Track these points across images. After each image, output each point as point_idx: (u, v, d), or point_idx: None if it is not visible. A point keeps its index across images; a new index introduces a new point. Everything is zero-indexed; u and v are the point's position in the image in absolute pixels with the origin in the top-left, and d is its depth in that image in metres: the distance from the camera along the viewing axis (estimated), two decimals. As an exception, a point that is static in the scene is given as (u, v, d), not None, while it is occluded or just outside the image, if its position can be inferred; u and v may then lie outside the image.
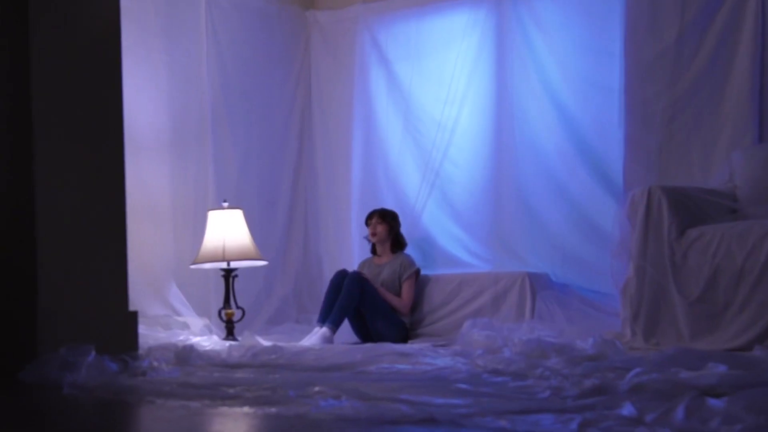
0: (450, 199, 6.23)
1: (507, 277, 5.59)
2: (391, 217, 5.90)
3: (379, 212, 5.88)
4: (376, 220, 5.84)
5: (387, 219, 5.85)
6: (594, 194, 5.63)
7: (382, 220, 5.84)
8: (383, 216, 5.85)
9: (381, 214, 5.87)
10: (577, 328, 4.62)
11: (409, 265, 5.80)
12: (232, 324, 5.47)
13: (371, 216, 5.89)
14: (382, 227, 5.83)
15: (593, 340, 3.25)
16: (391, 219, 5.89)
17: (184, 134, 6.03)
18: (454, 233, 6.20)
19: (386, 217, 5.86)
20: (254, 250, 5.52)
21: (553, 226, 5.77)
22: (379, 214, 5.87)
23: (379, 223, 5.83)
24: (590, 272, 5.56)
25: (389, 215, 5.89)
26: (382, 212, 5.89)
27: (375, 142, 6.54)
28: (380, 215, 5.86)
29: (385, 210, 5.92)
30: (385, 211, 5.92)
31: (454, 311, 5.72)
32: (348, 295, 5.51)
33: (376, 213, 5.89)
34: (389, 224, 5.86)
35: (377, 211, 5.90)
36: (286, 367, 3.19)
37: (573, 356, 2.95)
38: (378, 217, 5.85)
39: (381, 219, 5.84)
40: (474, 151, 6.15)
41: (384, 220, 5.84)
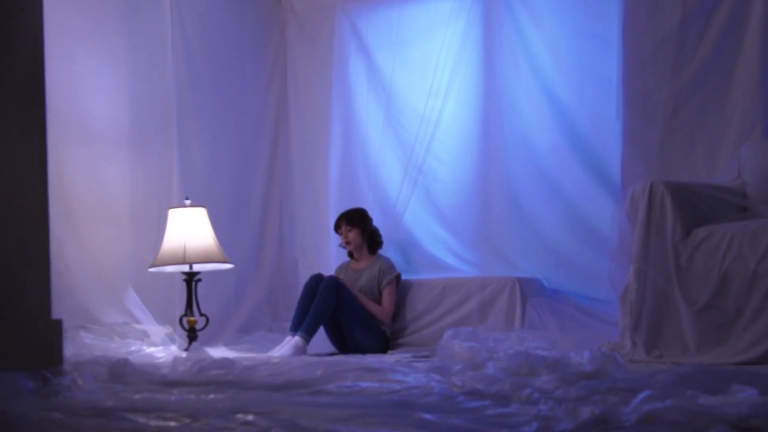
0: (434, 198, 5.88)
1: (495, 282, 5.23)
2: (359, 218, 5.46)
3: (346, 218, 5.44)
4: (345, 228, 5.43)
5: (356, 222, 5.43)
6: (590, 193, 5.29)
7: (351, 226, 5.42)
8: (351, 221, 5.43)
9: (348, 219, 5.43)
10: (571, 339, 4.20)
11: (388, 270, 5.39)
12: (195, 333, 5.03)
13: (339, 224, 5.47)
14: (353, 233, 5.43)
15: (590, 353, 2.80)
16: (360, 221, 5.46)
17: (146, 126, 5.62)
18: (438, 235, 5.84)
19: (354, 220, 5.43)
20: (219, 252, 5.07)
21: (545, 228, 5.43)
22: (346, 220, 5.43)
23: (349, 230, 5.42)
24: (586, 277, 5.23)
25: (357, 217, 5.46)
26: (349, 217, 5.45)
27: (354, 137, 6.19)
28: (348, 221, 5.43)
29: (350, 213, 5.48)
30: (351, 214, 5.48)
31: (438, 319, 5.36)
32: (323, 302, 5.12)
33: (342, 219, 5.46)
34: (360, 227, 5.45)
35: (344, 217, 5.47)
36: (234, 384, 2.74)
37: (567, 373, 2.50)
38: (346, 224, 5.42)
39: (350, 225, 5.42)
40: (460, 146, 5.80)
41: (353, 225, 5.42)
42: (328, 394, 2.47)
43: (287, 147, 6.58)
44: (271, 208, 6.49)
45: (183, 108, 5.79)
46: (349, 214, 5.45)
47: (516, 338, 3.85)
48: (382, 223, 5.78)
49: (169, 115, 5.69)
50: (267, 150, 6.48)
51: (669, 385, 2.02)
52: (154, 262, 5.07)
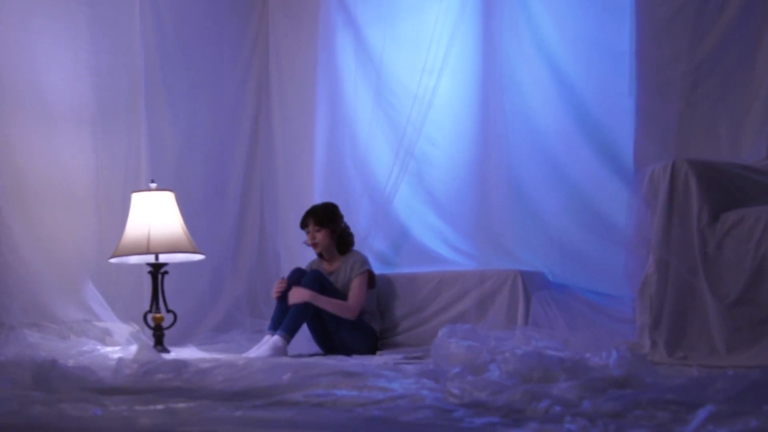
0: (427, 185, 5.44)
1: (495, 276, 4.80)
2: (329, 217, 4.92)
3: (314, 216, 4.89)
4: (313, 227, 4.89)
5: (325, 222, 4.89)
6: (599, 177, 4.86)
7: (319, 226, 4.87)
8: (320, 220, 4.88)
9: (316, 218, 4.88)
10: (582, 338, 3.70)
11: (360, 264, 4.89)
12: (162, 331, 4.54)
13: (306, 221, 4.93)
14: (321, 234, 4.88)
15: (617, 354, 2.30)
16: (329, 220, 4.91)
17: (110, 103, 5.20)
18: (432, 224, 5.40)
19: (323, 220, 4.89)
20: (188, 241, 4.58)
21: (550, 216, 5.00)
22: (314, 219, 4.88)
23: (317, 230, 4.88)
24: (594, 270, 4.82)
25: (326, 216, 4.92)
26: (318, 215, 4.90)
27: (341, 119, 5.76)
28: (316, 220, 4.88)
29: (319, 211, 4.94)
30: (320, 212, 4.93)
31: (433, 316, 4.94)
32: None
33: (310, 217, 4.91)
34: (329, 228, 4.90)
35: (311, 215, 4.91)
36: (181, 391, 2.24)
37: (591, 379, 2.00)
38: (314, 223, 4.88)
39: (318, 224, 4.87)
40: (456, 128, 5.36)
41: (322, 225, 4.88)
42: (292, 405, 1.97)
43: (269, 129, 6.14)
44: (251, 195, 6.05)
45: (152, 84, 5.37)
46: (317, 211, 4.92)
47: (521, 336, 3.34)
48: (370, 212, 5.43)
49: (137, 91, 5.28)
50: (246, 132, 6.05)
51: (735, 396, 1.53)
52: (115, 252, 4.58)
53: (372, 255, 5.34)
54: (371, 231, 5.41)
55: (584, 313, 4.59)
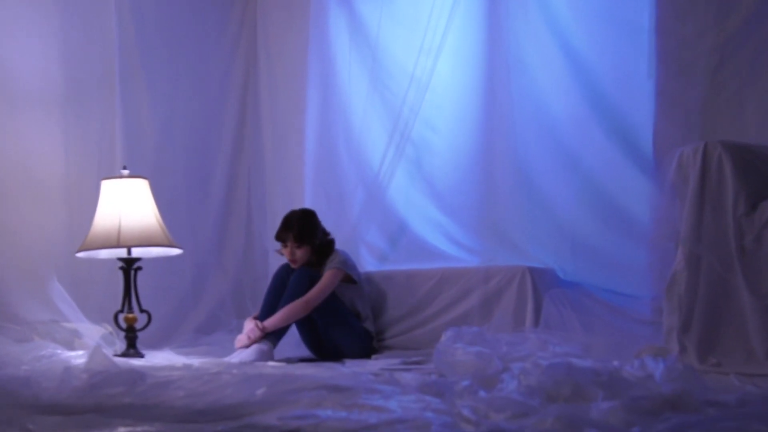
0: (427, 174, 5.06)
1: (501, 273, 4.47)
2: (309, 233, 4.45)
3: (294, 233, 4.42)
4: (293, 244, 4.42)
5: (305, 239, 4.43)
6: (615, 166, 4.51)
7: (299, 243, 4.42)
8: (300, 237, 4.41)
9: (296, 235, 4.41)
10: (603, 342, 3.31)
11: (334, 261, 4.47)
12: (135, 333, 4.14)
13: (283, 236, 4.47)
14: (301, 251, 4.44)
15: (664, 364, 1.89)
16: (310, 236, 4.45)
17: (82, 86, 4.82)
18: (432, 217, 5.03)
19: (304, 237, 4.42)
20: (163, 233, 4.17)
21: (561, 208, 4.65)
22: (294, 235, 4.41)
23: (297, 246, 4.42)
24: (610, 267, 4.48)
25: (306, 232, 4.44)
26: (298, 232, 4.42)
27: (334, 103, 5.38)
28: (296, 237, 4.41)
29: (297, 224, 4.45)
30: (299, 225, 4.44)
31: (433, 317, 4.61)
32: (295, 296, 4.33)
33: (289, 234, 4.43)
34: (310, 244, 4.46)
35: (290, 230, 4.43)
36: (132, 409, 1.83)
37: (635, 398, 1.58)
38: (293, 240, 4.41)
39: (298, 241, 4.41)
40: (458, 112, 4.99)
41: (302, 242, 4.42)
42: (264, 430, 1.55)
43: (256, 114, 5.75)
44: (237, 185, 5.66)
45: (128, 64, 4.97)
46: (296, 226, 4.43)
47: (536, 341, 2.93)
48: (365, 203, 5.09)
49: (111, 71, 4.90)
50: (232, 118, 5.66)
51: None
52: (82, 246, 4.17)
53: (366, 249, 5.03)
54: (364, 222, 5.07)
55: (599, 313, 4.24)
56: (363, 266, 4.91)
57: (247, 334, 4.24)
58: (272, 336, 4.26)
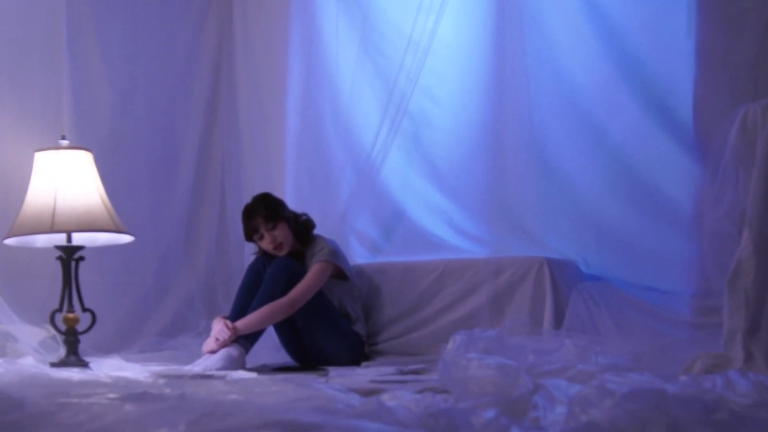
0: (427, 152, 4.55)
1: (515, 265, 3.96)
2: (277, 206, 3.92)
3: (261, 215, 3.85)
4: (266, 227, 3.84)
5: (278, 214, 3.88)
6: (648, 139, 4.05)
7: (272, 222, 3.85)
8: (270, 215, 3.85)
9: (265, 214, 3.84)
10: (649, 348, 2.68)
11: (321, 251, 3.92)
12: (76, 336, 3.49)
13: (252, 226, 3.88)
14: (280, 230, 3.86)
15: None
16: (280, 208, 3.93)
17: (22, 48, 4.25)
18: (433, 202, 4.51)
19: (274, 214, 3.86)
20: (109, 217, 3.51)
21: (583, 190, 4.17)
22: (262, 217, 3.84)
23: (272, 227, 3.84)
24: (642, 259, 4.02)
25: (273, 206, 3.90)
26: (265, 210, 3.86)
27: (319, 71, 4.86)
28: (266, 217, 3.84)
29: (260, 205, 3.90)
30: (263, 205, 3.90)
31: (434, 317, 4.10)
32: (272, 290, 3.77)
33: (257, 218, 3.85)
34: (283, 217, 3.91)
35: (257, 215, 3.86)
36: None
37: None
38: (264, 222, 3.83)
39: (270, 220, 3.84)
40: (462, 79, 4.48)
41: (275, 219, 3.85)
42: None
43: (231, 85, 5.17)
44: (209, 167, 5.07)
45: (77, 23, 4.41)
46: (259, 207, 3.88)
47: (572, 348, 2.24)
48: (355, 188, 4.57)
49: (57, 32, 4.33)
50: (203, 87, 5.08)
51: None
52: (10, 231, 3.51)
53: (356, 239, 4.50)
54: (355, 208, 4.54)
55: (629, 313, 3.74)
56: (353, 258, 4.38)
57: (215, 336, 3.64)
58: (245, 339, 3.66)
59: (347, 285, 3.96)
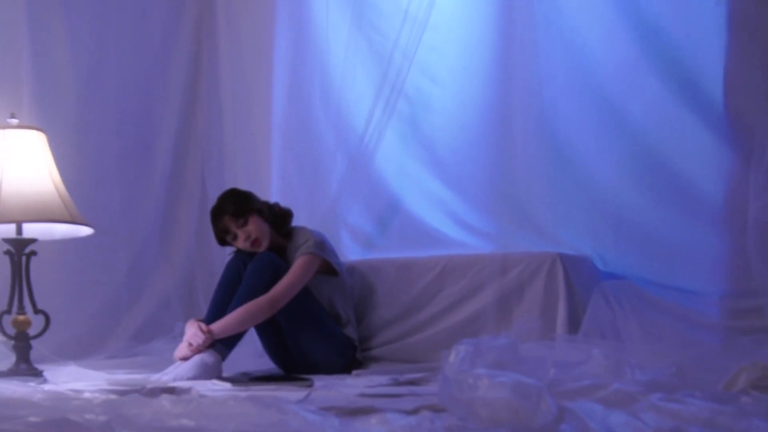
0: (425, 136, 4.15)
1: (524, 262, 3.54)
2: (244, 201, 3.50)
3: (229, 213, 3.43)
4: (236, 225, 3.43)
5: (246, 209, 3.46)
6: (672, 121, 3.63)
7: (241, 217, 3.43)
8: (239, 211, 3.44)
9: (233, 211, 3.42)
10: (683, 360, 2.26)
11: (306, 243, 3.50)
12: (28, 341, 3.07)
13: (222, 228, 3.47)
14: (252, 225, 3.44)
15: None
16: (247, 202, 3.50)
17: None
18: (431, 191, 4.13)
19: (242, 209, 3.45)
20: (63, 206, 3.09)
21: (600, 178, 3.77)
22: (230, 216, 3.42)
23: (243, 223, 3.43)
24: (665, 255, 3.61)
25: (240, 202, 3.48)
26: (232, 207, 3.44)
27: (308, 49, 4.46)
28: (234, 213, 3.42)
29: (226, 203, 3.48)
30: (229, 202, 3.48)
31: (433, 320, 3.69)
32: (252, 288, 3.34)
33: (225, 218, 3.44)
34: (254, 210, 3.49)
35: (223, 214, 3.45)
36: None
37: None
38: (234, 219, 3.42)
39: (240, 217, 3.43)
40: (464, 56, 4.08)
41: (243, 214, 3.44)
42: None
43: (212, 64, 4.75)
44: (188, 154, 4.65)
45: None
46: (226, 205, 3.46)
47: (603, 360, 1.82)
48: (346, 177, 4.17)
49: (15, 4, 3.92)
50: (182, 68, 4.66)
51: None
52: (-51, 222, 3.08)
53: (348, 233, 4.11)
54: (346, 199, 4.16)
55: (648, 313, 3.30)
56: (344, 255, 3.98)
57: (188, 340, 3.23)
58: (222, 344, 3.25)
59: (337, 282, 3.56)
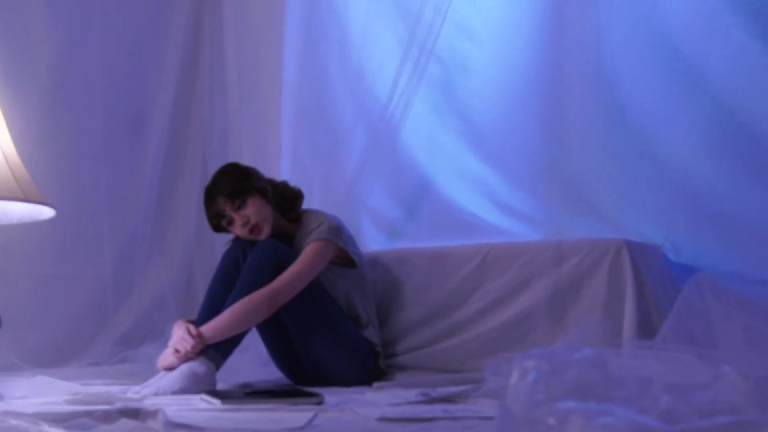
0: (462, 105, 3.47)
1: (582, 250, 2.88)
2: (242, 179, 2.91)
3: (223, 193, 2.85)
4: (233, 207, 2.86)
5: (244, 189, 2.88)
6: (762, 80, 2.91)
7: (241, 199, 2.86)
8: (235, 191, 2.86)
9: (229, 191, 2.85)
10: None
11: (319, 228, 2.90)
12: (-22, 347, 2.54)
13: (217, 211, 2.88)
14: (252, 207, 2.87)
15: None
16: (246, 181, 2.91)
17: None
18: (469, 169, 3.44)
19: (240, 188, 2.87)
20: (15, 181, 2.53)
21: (673, 151, 3.05)
22: (225, 196, 2.85)
23: (240, 205, 2.86)
24: (754, 243, 2.89)
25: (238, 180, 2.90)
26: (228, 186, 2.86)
27: (324, 5, 3.84)
28: (230, 194, 2.84)
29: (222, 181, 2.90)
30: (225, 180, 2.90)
31: (472, 320, 3.02)
32: (253, 285, 2.75)
33: (219, 199, 2.86)
34: (256, 189, 2.91)
35: (218, 195, 2.87)
36: None
37: None
38: (229, 201, 2.85)
39: (237, 197, 2.86)
40: (507, 8, 3.41)
41: (242, 194, 2.87)
42: None
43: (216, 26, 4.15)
44: (188, 131, 4.06)
45: None
46: (220, 184, 2.89)
47: (739, 381, 1.22)
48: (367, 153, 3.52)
49: None
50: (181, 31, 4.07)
51: None
52: None
53: (369, 219, 3.49)
54: (367, 180, 3.51)
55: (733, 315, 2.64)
56: (365, 245, 3.39)
57: (174, 346, 2.67)
58: (216, 350, 2.67)
59: (355, 276, 2.97)
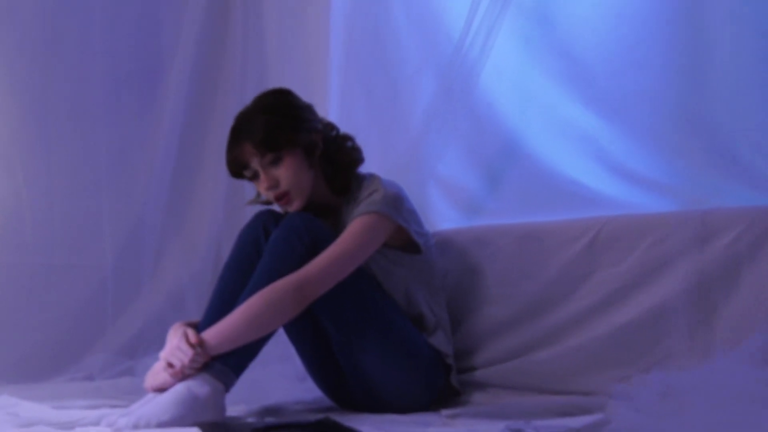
0: (561, 39, 2.66)
1: (736, 224, 2.12)
2: (278, 127, 2.10)
3: (256, 139, 2.08)
4: (262, 161, 2.09)
5: (284, 137, 2.10)
6: None
7: (274, 151, 2.09)
8: (270, 138, 2.08)
9: (261, 138, 2.07)
10: None
11: (372, 198, 2.13)
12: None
13: (238, 159, 2.11)
14: (287, 169, 2.11)
15: None
16: (290, 125, 2.13)
17: None
18: (573, 123, 2.64)
19: (274, 139, 2.09)
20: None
21: None
22: (257, 144, 2.07)
23: (272, 161, 2.10)
24: None
25: (276, 127, 2.09)
26: (263, 133, 2.08)
27: None
28: (261, 142, 2.07)
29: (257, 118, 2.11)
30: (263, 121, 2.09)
31: (581, 321, 2.27)
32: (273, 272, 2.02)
33: (245, 144, 2.09)
34: (297, 143, 2.13)
35: (250, 141, 2.08)
36: None
37: None
38: (257, 149, 2.08)
39: (270, 149, 2.08)
40: None
41: (278, 146, 2.09)
42: None
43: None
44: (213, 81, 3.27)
45: None
46: (253, 120, 2.12)
47: None
48: (437, 103, 2.73)
49: None
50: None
51: None
52: None
53: (440, 190, 2.75)
54: (436, 139, 2.73)
55: None
56: (433, 223, 2.66)
57: (167, 358, 1.94)
58: (224, 363, 1.95)
59: (419, 263, 2.22)
